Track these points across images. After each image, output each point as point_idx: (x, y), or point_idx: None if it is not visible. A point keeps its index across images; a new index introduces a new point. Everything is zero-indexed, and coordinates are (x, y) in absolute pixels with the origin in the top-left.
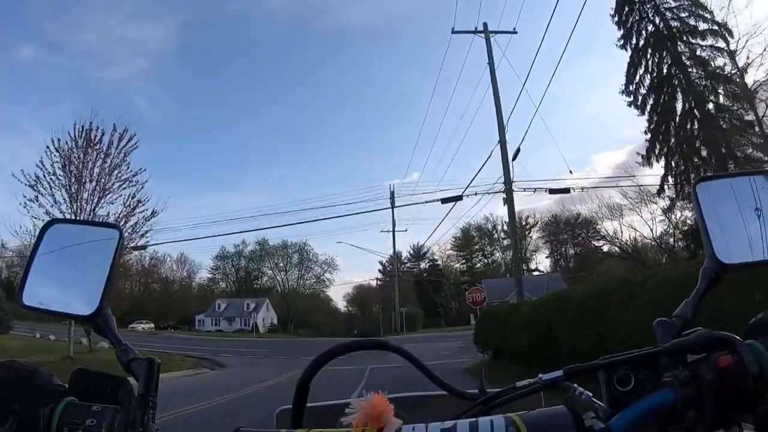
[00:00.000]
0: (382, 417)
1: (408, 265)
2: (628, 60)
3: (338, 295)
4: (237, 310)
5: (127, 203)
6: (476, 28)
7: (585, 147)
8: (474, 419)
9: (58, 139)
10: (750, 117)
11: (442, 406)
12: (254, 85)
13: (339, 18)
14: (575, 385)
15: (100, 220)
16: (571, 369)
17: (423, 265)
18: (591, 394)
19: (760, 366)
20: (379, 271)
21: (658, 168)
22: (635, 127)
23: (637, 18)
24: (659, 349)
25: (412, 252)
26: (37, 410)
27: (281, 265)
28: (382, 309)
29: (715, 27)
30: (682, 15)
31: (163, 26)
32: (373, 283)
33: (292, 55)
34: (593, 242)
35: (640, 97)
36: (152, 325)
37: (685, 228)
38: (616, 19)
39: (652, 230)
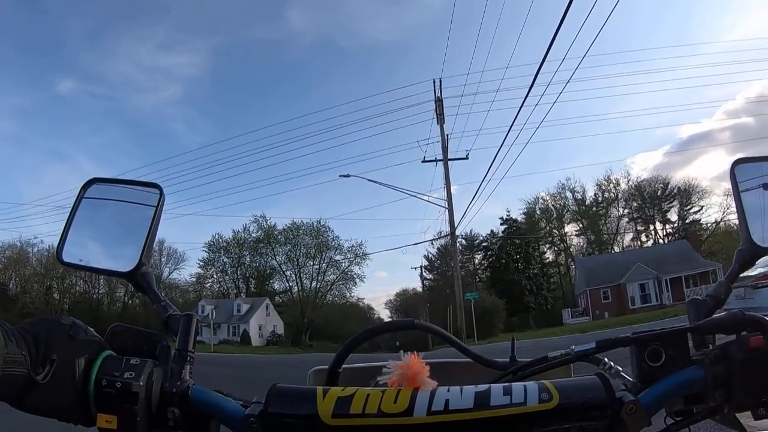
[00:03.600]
0: (417, 378)
1: (460, 259)
2: None
3: (380, 305)
4: (225, 315)
5: None
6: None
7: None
8: (507, 384)
9: None
10: None
11: (473, 375)
12: (287, 103)
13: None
14: (605, 359)
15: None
16: (604, 342)
17: (479, 257)
18: (621, 369)
19: None
20: (424, 267)
21: None
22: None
23: None
24: (691, 326)
25: (465, 242)
26: (74, 360)
27: (293, 256)
28: (429, 309)
29: None
30: None
31: (193, 53)
32: (419, 287)
33: (321, 72)
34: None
35: None
36: None
37: None
38: None
39: None
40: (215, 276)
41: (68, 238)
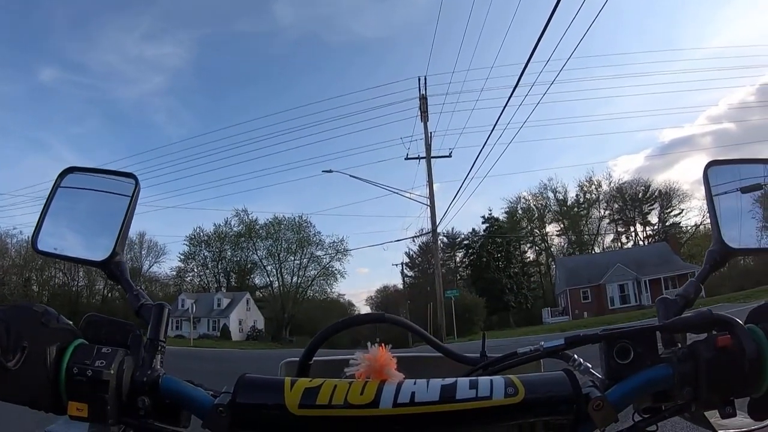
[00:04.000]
0: (384, 370)
1: (441, 257)
2: None
3: (360, 301)
4: (206, 309)
5: None
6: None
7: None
8: (474, 378)
9: None
10: None
11: (444, 369)
12: (271, 97)
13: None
14: (575, 355)
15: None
16: (573, 338)
17: (460, 255)
18: (590, 365)
19: (759, 350)
20: (405, 264)
21: None
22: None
23: None
24: (660, 325)
25: (446, 240)
26: (45, 348)
27: (274, 251)
28: (410, 306)
29: None
30: None
31: (178, 45)
32: (399, 284)
33: (306, 67)
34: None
35: None
36: None
37: None
38: None
39: None
40: (196, 270)
41: (44, 226)
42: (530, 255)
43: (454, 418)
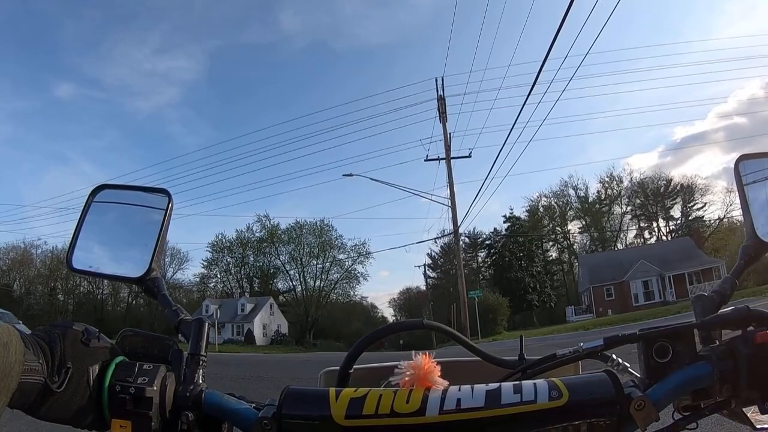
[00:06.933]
0: (429, 377)
1: (463, 257)
2: None
3: (383, 303)
4: (229, 314)
5: None
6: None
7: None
8: (518, 382)
9: None
10: None
11: (482, 373)
12: (286, 105)
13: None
14: (614, 355)
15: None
16: (611, 339)
17: (482, 255)
18: (629, 365)
19: None
20: (427, 266)
21: None
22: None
23: None
24: (697, 322)
25: (468, 240)
26: (88, 367)
27: (296, 255)
28: (433, 307)
29: None
30: None
31: (189, 57)
32: (422, 286)
33: (314, 74)
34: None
35: None
36: None
37: None
38: None
39: None
40: (219, 276)
41: (77, 245)
42: (552, 253)
43: (500, 423)
